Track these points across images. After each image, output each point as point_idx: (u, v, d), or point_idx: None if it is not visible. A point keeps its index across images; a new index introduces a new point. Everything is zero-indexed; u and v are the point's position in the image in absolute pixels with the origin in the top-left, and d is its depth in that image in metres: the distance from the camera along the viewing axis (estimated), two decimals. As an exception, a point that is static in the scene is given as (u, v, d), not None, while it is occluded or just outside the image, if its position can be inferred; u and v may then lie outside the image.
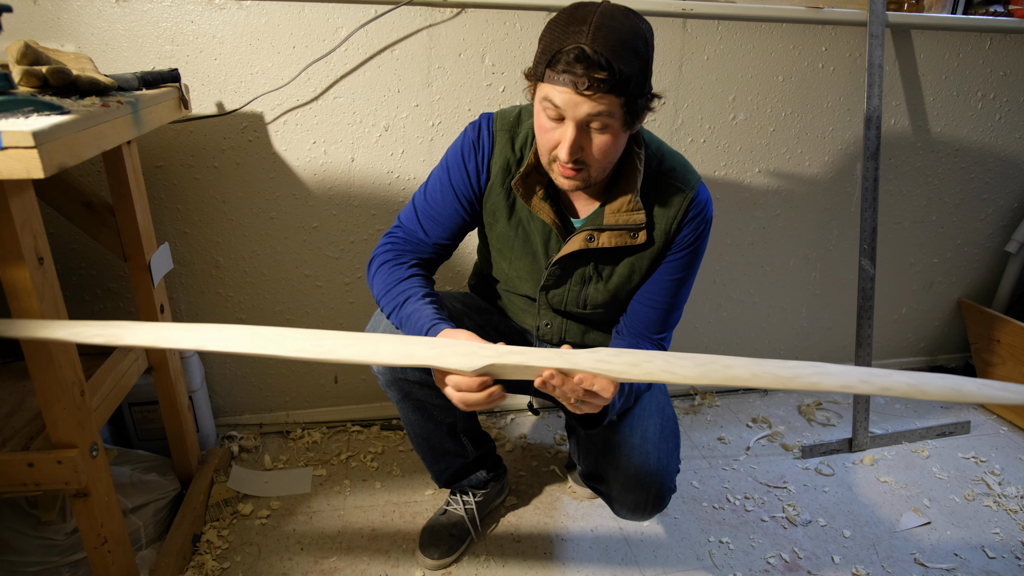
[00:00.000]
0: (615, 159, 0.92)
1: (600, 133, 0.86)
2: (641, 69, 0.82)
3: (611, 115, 0.83)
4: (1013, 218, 1.91)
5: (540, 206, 1.00)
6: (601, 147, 0.87)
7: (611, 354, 0.74)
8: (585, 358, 0.74)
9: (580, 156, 0.88)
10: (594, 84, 0.80)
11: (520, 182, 0.98)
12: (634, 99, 0.84)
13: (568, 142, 0.85)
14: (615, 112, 0.83)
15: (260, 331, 0.74)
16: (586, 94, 0.81)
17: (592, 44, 0.78)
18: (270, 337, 0.73)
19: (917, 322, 2.03)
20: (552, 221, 1.00)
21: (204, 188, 1.43)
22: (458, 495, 1.34)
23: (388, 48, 1.39)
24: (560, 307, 1.12)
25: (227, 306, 1.55)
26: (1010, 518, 1.46)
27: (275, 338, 0.73)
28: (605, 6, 0.82)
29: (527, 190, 0.99)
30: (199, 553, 1.26)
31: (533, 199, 0.99)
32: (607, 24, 0.80)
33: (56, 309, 0.87)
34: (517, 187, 0.98)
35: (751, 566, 1.30)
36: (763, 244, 1.78)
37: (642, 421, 1.10)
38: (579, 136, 0.85)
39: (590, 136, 0.86)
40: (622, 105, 0.83)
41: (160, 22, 1.28)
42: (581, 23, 0.80)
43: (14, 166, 0.68)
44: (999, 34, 1.65)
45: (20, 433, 0.98)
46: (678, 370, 0.70)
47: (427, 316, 0.92)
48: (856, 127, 1.68)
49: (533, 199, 0.99)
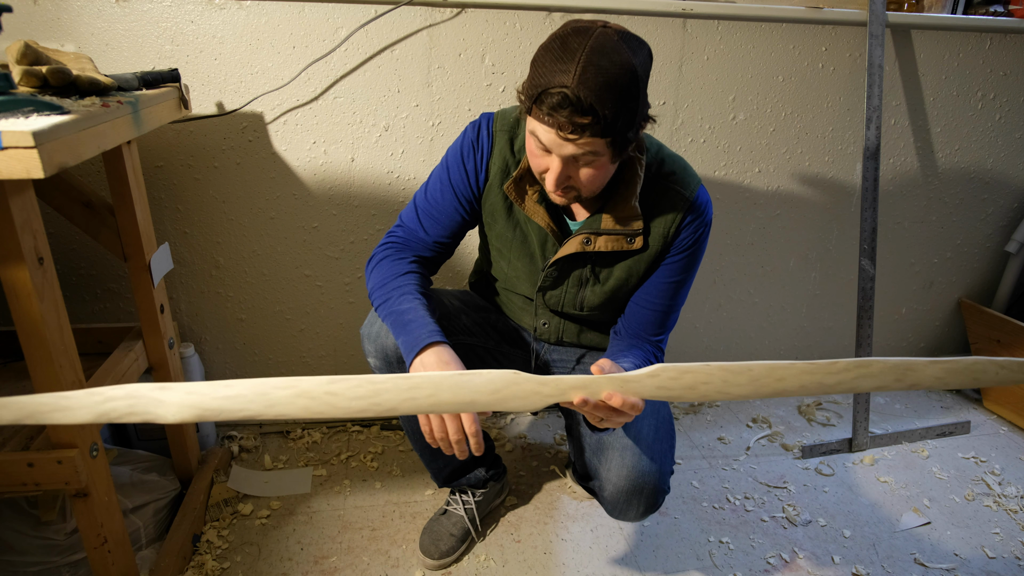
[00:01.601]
0: (605, 182, 0.92)
1: (587, 166, 0.87)
2: (629, 108, 0.81)
3: (596, 153, 0.84)
4: (1013, 218, 1.91)
5: (534, 209, 1.00)
6: (588, 177, 0.88)
7: (671, 378, 0.70)
8: (646, 385, 0.70)
9: (568, 183, 0.89)
10: (577, 129, 0.80)
11: (512, 186, 0.98)
12: (622, 135, 0.83)
13: (554, 174, 0.87)
14: (600, 151, 0.84)
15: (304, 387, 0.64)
16: (570, 137, 0.81)
17: (577, 89, 0.77)
18: (317, 395, 0.64)
19: (917, 322, 2.03)
20: (547, 224, 1.00)
21: (204, 188, 1.43)
22: (458, 495, 1.34)
23: (388, 48, 1.39)
24: (557, 308, 1.12)
25: (227, 306, 1.55)
26: (1010, 518, 1.46)
27: (325, 397, 0.63)
28: (598, 38, 0.79)
29: (519, 193, 0.99)
30: (199, 553, 1.26)
31: (527, 202, 1.00)
32: (595, 63, 0.77)
33: (56, 309, 0.87)
34: (509, 191, 0.99)
35: (751, 566, 1.30)
36: (763, 244, 1.78)
37: (636, 422, 1.09)
38: (566, 168, 0.87)
39: (578, 167, 0.87)
40: (608, 144, 0.84)
41: (160, 22, 1.28)
42: (569, 60, 0.78)
43: (14, 166, 0.68)
44: (999, 34, 1.65)
45: (20, 433, 0.98)
46: (733, 390, 0.68)
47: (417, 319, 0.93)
48: (856, 127, 1.68)
49: (527, 202, 1.00)
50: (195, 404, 0.62)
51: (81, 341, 1.03)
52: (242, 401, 0.63)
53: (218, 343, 1.59)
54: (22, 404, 0.61)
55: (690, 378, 0.69)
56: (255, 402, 0.63)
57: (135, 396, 0.62)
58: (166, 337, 1.24)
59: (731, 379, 0.68)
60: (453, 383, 0.66)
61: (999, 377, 0.70)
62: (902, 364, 0.68)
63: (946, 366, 0.68)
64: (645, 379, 0.70)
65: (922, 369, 0.68)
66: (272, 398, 0.63)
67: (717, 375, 0.68)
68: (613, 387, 0.71)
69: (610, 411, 0.77)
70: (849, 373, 0.68)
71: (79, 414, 0.62)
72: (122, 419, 0.62)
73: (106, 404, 0.62)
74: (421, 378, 0.65)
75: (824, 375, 0.68)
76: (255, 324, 1.58)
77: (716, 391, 0.69)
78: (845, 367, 0.68)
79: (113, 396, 0.62)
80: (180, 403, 0.62)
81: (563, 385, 0.71)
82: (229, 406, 0.63)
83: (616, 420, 0.81)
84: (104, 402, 0.62)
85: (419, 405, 0.66)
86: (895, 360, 0.68)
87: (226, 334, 1.58)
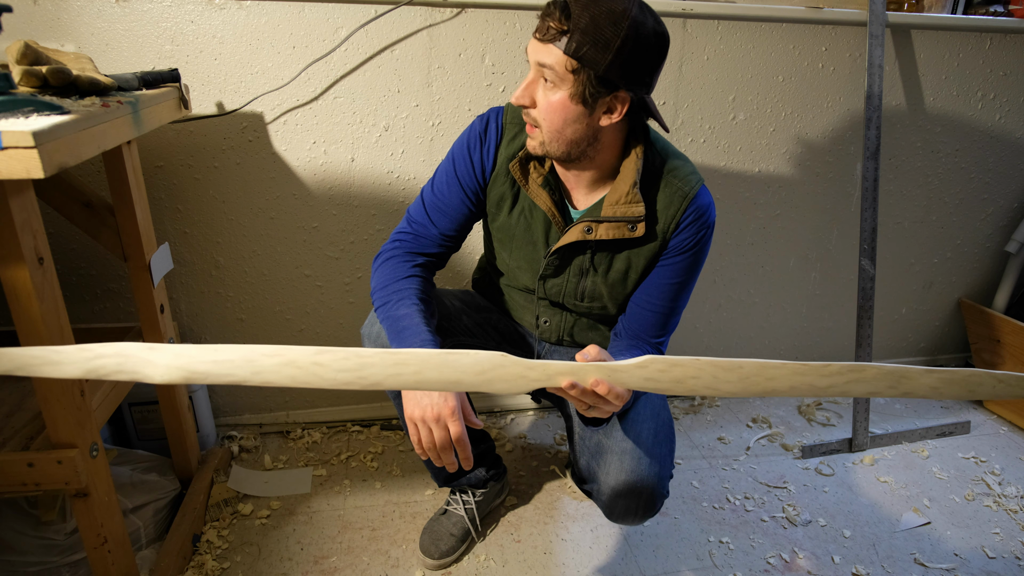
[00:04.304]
0: (564, 131, 0.91)
1: (549, 90, 0.89)
2: (605, 44, 0.83)
3: (556, 72, 0.86)
4: (1013, 218, 1.91)
5: (537, 192, 1.01)
6: (545, 105, 0.90)
7: (659, 370, 0.70)
8: (634, 376, 0.71)
9: (526, 105, 0.91)
10: (550, 32, 0.84)
11: (518, 165, 1.00)
12: (588, 67, 0.84)
13: (522, 84, 0.91)
14: (561, 71, 0.86)
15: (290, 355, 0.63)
16: (544, 39, 0.85)
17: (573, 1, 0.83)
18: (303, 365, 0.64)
19: (917, 322, 2.03)
20: (549, 209, 1.01)
21: (204, 188, 1.43)
22: (458, 495, 1.34)
23: (388, 48, 1.39)
24: (558, 299, 1.12)
25: (227, 306, 1.55)
26: (1010, 518, 1.46)
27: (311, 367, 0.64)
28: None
29: (523, 173, 1.01)
30: (199, 553, 1.26)
31: (530, 184, 1.01)
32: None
33: (56, 309, 0.87)
34: (514, 169, 1.00)
35: (751, 566, 1.30)
36: (763, 244, 1.78)
37: (635, 425, 1.09)
38: (532, 83, 0.90)
39: (541, 88, 0.90)
40: (571, 70, 0.85)
41: (160, 22, 1.28)
42: None
43: (14, 166, 0.68)
44: (999, 34, 1.65)
45: (20, 433, 0.98)
46: (722, 386, 0.68)
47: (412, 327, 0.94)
48: (856, 127, 1.68)
49: (530, 184, 1.01)
50: (183, 366, 0.63)
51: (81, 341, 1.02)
52: (230, 366, 0.63)
53: (218, 343, 1.59)
54: (12, 356, 0.62)
55: (679, 371, 0.68)
56: (242, 368, 0.63)
57: (124, 355, 0.62)
58: (166, 337, 1.24)
59: (721, 375, 0.67)
60: (440, 361, 0.66)
61: (996, 391, 0.69)
62: (897, 371, 0.67)
63: (942, 376, 0.67)
64: (633, 369, 0.69)
65: (917, 378, 0.67)
66: (259, 365, 0.63)
67: (707, 370, 0.68)
68: (601, 375, 0.72)
69: (597, 398, 0.78)
70: (841, 377, 0.67)
71: (68, 369, 0.63)
72: (110, 376, 0.63)
73: (95, 361, 0.62)
74: (408, 354, 0.65)
75: (816, 377, 0.67)
76: (255, 324, 1.58)
77: (705, 386, 0.68)
78: (838, 370, 0.66)
79: (102, 353, 0.62)
80: (168, 364, 0.63)
81: (550, 370, 0.71)
82: (216, 370, 0.63)
83: (604, 408, 0.81)
84: (94, 359, 0.62)
85: (404, 381, 0.66)
86: (890, 367, 0.66)
87: (226, 334, 1.58)
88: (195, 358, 0.63)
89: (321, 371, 0.64)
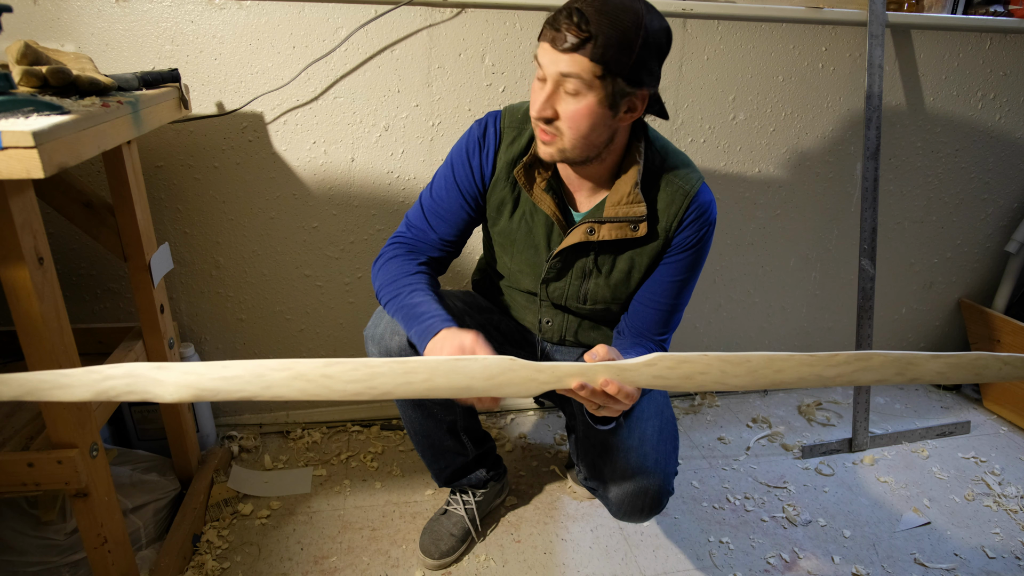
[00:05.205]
0: (590, 136, 0.90)
1: (572, 98, 0.86)
2: (626, 46, 0.81)
3: (582, 80, 0.83)
4: (1013, 218, 1.91)
5: (541, 197, 1.01)
6: (571, 114, 0.87)
7: (668, 367, 0.70)
8: (643, 374, 0.71)
9: (550, 117, 0.88)
10: (570, 42, 0.81)
11: (523, 171, 0.99)
12: (613, 74, 0.83)
13: (542, 96, 0.87)
14: (588, 78, 0.83)
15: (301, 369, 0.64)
16: (563, 48, 0.82)
17: (584, 5, 0.80)
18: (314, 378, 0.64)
19: (917, 322, 2.03)
20: (552, 213, 1.01)
21: (204, 188, 1.43)
22: (458, 495, 1.34)
23: (388, 48, 1.39)
24: (561, 302, 1.12)
25: (227, 306, 1.55)
26: (1010, 518, 1.46)
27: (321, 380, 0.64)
28: None
29: (528, 179, 1.00)
30: (199, 553, 1.26)
31: (535, 189, 1.01)
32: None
33: (56, 309, 0.87)
34: (519, 175, 0.99)
35: (751, 566, 1.30)
36: (763, 244, 1.78)
37: (640, 423, 1.10)
38: (553, 95, 0.86)
39: (564, 99, 0.87)
40: (598, 75, 0.83)
41: (160, 22, 1.28)
42: None
43: (14, 166, 0.68)
44: (999, 34, 1.65)
45: (20, 433, 0.98)
46: (731, 380, 0.68)
47: (431, 311, 0.93)
48: (856, 127, 1.68)
49: (535, 189, 1.01)
50: (192, 384, 0.63)
51: (81, 341, 1.03)
52: (239, 382, 0.63)
53: (218, 343, 1.59)
54: (22, 381, 0.62)
55: (687, 367, 0.68)
56: (252, 383, 0.63)
57: (133, 375, 0.62)
58: (166, 337, 1.24)
59: (729, 369, 0.68)
60: (449, 368, 0.66)
61: (1002, 373, 0.69)
62: (903, 358, 0.67)
63: (948, 360, 0.68)
64: (642, 367, 0.70)
65: (923, 364, 0.68)
66: (269, 380, 0.63)
67: (715, 365, 0.68)
68: (610, 374, 0.71)
69: (607, 398, 0.78)
70: (849, 366, 0.67)
71: (78, 392, 0.63)
72: (120, 398, 0.63)
73: (105, 383, 0.62)
74: (417, 362, 0.65)
75: (824, 367, 0.67)
76: (255, 324, 1.58)
77: (714, 381, 0.68)
78: (845, 360, 0.67)
79: (112, 375, 0.62)
80: (178, 383, 0.63)
81: (560, 372, 0.71)
82: (226, 387, 0.63)
83: (614, 408, 0.81)
84: (103, 380, 0.62)
85: (415, 389, 0.65)
86: (896, 353, 0.67)
87: (226, 334, 1.58)
88: (204, 375, 0.62)
89: (331, 383, 0.64)
